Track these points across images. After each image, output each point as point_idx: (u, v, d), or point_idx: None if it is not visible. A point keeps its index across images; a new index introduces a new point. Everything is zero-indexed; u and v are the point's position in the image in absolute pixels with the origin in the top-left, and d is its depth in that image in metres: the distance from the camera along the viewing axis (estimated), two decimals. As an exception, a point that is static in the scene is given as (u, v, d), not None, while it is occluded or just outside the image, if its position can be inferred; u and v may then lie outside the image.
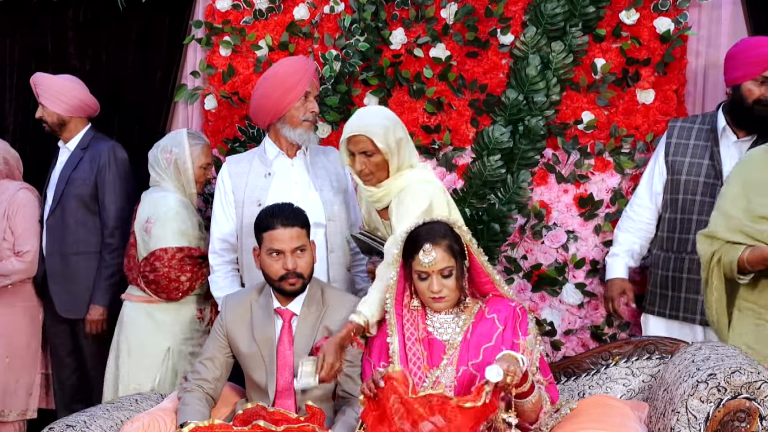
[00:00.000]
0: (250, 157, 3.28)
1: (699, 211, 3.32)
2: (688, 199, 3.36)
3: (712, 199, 3.20)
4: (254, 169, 3.21)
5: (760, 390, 2.35)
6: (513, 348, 2.52)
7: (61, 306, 3.75)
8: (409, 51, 3.89)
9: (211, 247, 3.25)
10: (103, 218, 3.74)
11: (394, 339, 2.62)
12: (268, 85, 3.18)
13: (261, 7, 4.02)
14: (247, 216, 3.15)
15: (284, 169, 3.23)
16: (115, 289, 3.69)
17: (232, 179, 3.21)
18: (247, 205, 3.17)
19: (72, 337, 3.82)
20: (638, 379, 2.86)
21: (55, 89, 3.79)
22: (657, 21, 3.68)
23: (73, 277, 3.73)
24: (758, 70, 3.21)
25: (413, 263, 2.59)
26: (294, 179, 3.22)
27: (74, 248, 3.73)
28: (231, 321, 2.81)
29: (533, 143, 3.71)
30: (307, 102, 3.18)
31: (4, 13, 4.33)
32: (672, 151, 3.42)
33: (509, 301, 2.66)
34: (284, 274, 2.72)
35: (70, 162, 3.81)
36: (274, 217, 2.75)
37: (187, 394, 2.75)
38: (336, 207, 3.22)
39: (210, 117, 4.10)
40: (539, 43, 3.70)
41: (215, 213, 3.25)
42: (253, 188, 3.18)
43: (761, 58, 3.21)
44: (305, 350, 2.73)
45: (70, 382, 3.88)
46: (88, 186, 3.74)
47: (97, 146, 3.80)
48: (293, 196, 3.11)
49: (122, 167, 3.80)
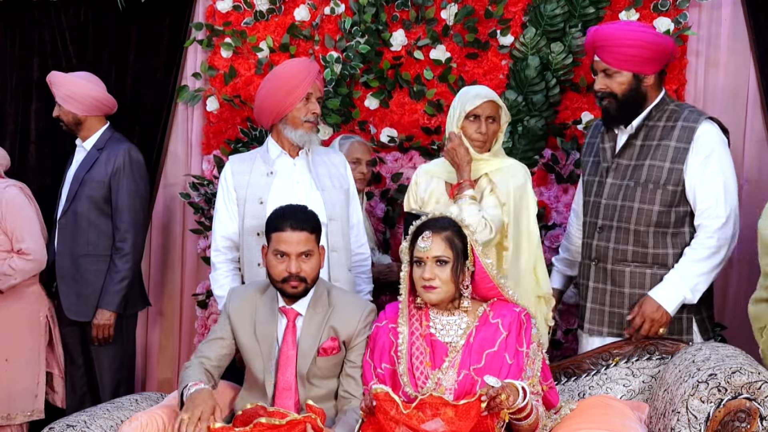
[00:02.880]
0: (253, 156, 3.29)
1: (589, 213, 3.14)
2: (589, 201, 3.17)
3: (597, 199, 3.08)
4: (256, 168, 3.22)
5: (761, 390, 2.36)
6: (516, 355, 2.55)
7: (68, 307, 3.71)
8: (409, 53, 3.89)
9: (214, 245, 3.24)
10: (116, 221, 3.69)
11: (404, 329, 2.65)
12: (270, 86, 3.19)
13: (261, 9, 4.02)
14: (248, 214, 3.16)
15: (286, 169, 3.23)
16: (124, 294, 3.68)
17: (235, 178, 3.21)
18: (248, 203, 3.18)
19: (81, 339, 3.81)
20: (638, 379, 2.87)
21: (71, 88, 3.75)
22: (657, 21, 3.69)
23: (81, 279, 3.69)
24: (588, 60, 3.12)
25: (414, 251, 2.62)
26: (296, 179, 3.22)
27: (84, 250, 3.69)
28: (235, 313, 2.82)
29: (533, 143, 3.72)
30: (309, 103, 3.19)
31: (4, 13, 4.33)
32: (583, 151, 3.28)
33: (514, 306, 2.66)
34: (287, 276, 2.72)
35: (85, 162, 3.75)
36: (284, 219, 2.74)
37: (185, 371, 2.74)
38: (338, 207, 3.22)
39: (212, 118, 4.11)
40: (539, 44, 3.71)
41: (218, 211, 3.24)
42: (255, 187, 3.18)
43: (587, 47, 3.10)
44: (310, 351, 2.74)
45: (81, 383, 3.87)
46: (102, 188, 3.69)
47: (113, 147, 3.74)
48: (295, 195, 3.11)
49: (137, 170, 3.75)
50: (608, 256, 3.05)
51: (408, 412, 2.36)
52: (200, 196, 4.09)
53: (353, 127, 3.95)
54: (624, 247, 3.02)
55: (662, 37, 3.08)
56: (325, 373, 2.76)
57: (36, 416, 3.80)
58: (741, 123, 3.78)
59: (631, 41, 2.96)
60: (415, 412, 2.36)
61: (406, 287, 2.69)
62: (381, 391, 2.40)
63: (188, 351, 4.27)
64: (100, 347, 3.73)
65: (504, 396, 2.33)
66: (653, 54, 2.97)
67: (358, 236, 3.31)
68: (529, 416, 2.44)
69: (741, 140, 3.77)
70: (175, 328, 4.33)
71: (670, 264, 2.98)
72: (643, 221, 2.99)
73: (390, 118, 3.93)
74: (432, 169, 3.26)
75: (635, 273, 3.01)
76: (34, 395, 3.78)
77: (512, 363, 2.55)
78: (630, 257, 3.02)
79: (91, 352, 3.77)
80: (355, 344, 2.75)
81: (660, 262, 2.99)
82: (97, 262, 3.70)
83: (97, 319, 3.66)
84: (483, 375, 2.49)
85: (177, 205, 4.31)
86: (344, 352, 2.77)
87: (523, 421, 2.45)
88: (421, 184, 3.24)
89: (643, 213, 2.99)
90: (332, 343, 2.75)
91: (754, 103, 3.76)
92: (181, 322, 4.33)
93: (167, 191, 4.31)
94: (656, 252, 3.00)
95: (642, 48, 2.96)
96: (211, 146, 4.10)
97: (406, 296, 2.69)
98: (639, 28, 3.08)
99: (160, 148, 4.22)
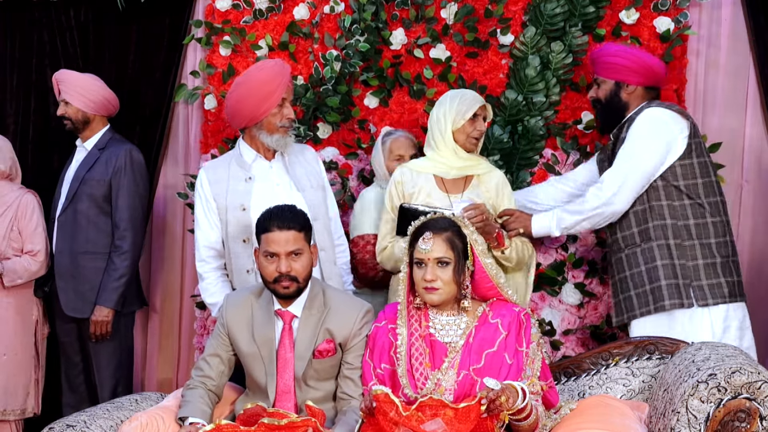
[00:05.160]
0: (227, 161, 3.25)
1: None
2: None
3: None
4: (233, 174, 3.19)
5: (761, 390, 2.36)
6: (516, 355, 2.55)
7: (66, 304, 3.75)
8: (409, 51, 3.89)
9: (198, 255, 3.22)
10: (115, 220, 3.74)
11: (403, 331, 2.65)
12: (243, 90, 3.15)
13: (261, 7, 4.02)
14: (231, 221, 3.14)
15: (264, 172, 3.21)
16: (122, 291, 3.71)
17: (212, 186, 3.18)
18: (230, 210, 3.15)
19: (79, 337, 3.83)
20: (638, 379, 2.87)
21: (81, 86, 3.80)
22: (657, 21, 3.68)
23: (80, 276, 3.73)
24: None
25: (414, 252, 2.61)
26: (275, 181, 3.20)
27: (84, 247, 3.73)
28: (231, 319, 2.81)
29: (532, 143, 3.72)
30: (283, 108, 3.17)
31: (4, 13, 4.33)
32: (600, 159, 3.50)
33: (513, 306, 2.66)
34: (277, 276, 2.72)
35: (86, 161, 3.80)
36: (271, 220, 2.74)
37: (189, 391, 2.76)
38: (319, 206, 3.23)
39: (210, 117, 4.10)
40: (539, 44, 3.71)
41: (198, 221, 3.22)
42: (235, 193, 3.16)
43: (590, 66, 3.49)
44: (306, 353, 2.74)
45: (78, 381, 3.89)
46: (103, 187, 3.73)
47: (115, 147, 3.79)
48: (277, 198, 3.08)
49: (138, 170, 3.80)
50: (612, 248, 3.31)
51: (408, 414, 2.36)
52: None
53: (352, 125, 3.95)
54: (614, 236, 3.28)
55: (649, 56, 3.35)
56: (322, 375, 2.76)
57: (28, 414, 3.86)
58: (741, 123, 3.78)
59: (615, 51, 3.31)
60: (415, 413, 2.36)
61: (405, 288, 2.69)
62: (381, 392, 2.40)
63: (188, 351, 4.27)
64: (99, 345, 3.76)
65: (504, 398, 2.34)
66: (635, 66, 3.25)
67: (336, 228, 3.34)
68: (528, 417, 2.44)
69: (741, 140, 3.78)
70: (174, 328, 4.33)
71: (653, 236, 3.16)
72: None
73: (389, 116, 3.93)
74: (417, 166, 3.33)
75: (629, 255, 3.23)
76: (27, 393, 3.86)
77: (512, 363, 2.55)
78: (622, 243, 3.25)
79: (89, 351, 3.79)
80: (351, 346, 2.75)
81: (645, 237, 3.19)
82: (95, 259, 3.74)
83: (96, 315, 3.69)
84: (483, 375, 2.49)
85: (177, 205, 4.30)
86: (340, 353, 2.76)
87: (523, 421, 2.45)
88: (406, 182, 3.29)
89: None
90: (328, 345, 2.74)
91: (754, 103, 3.76)
92: (181, 322, 4.32)
93: (167, 191, 4.31)
94: (639, 229, 3.20)
95: (624, 58, 3.26)
96: (209, 145, 4.10)
97: (404, 297, 2.69)
98: (631, 47, 3.38)
99: (159, 147, 4.22)
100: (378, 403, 2.38)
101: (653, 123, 3.16)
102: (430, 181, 3.28)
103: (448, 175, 3.27)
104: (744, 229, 3.81)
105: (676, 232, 3.15)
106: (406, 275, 2.68)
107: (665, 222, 3.17)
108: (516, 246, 3.26)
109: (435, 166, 3.30)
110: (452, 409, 2.36)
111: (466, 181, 3.29)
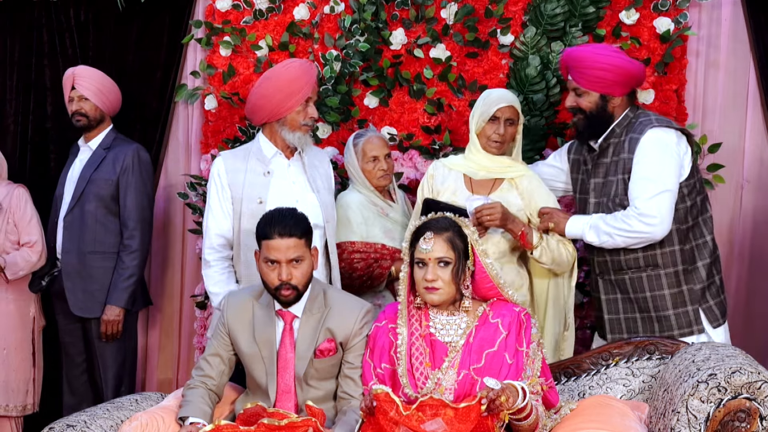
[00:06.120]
0: (245, 153, 3.25)
1: None
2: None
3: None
4: (251, 167, 3.20)
5: (761, 390, 2.36)
6: (516, 355, 2.55)
7: (74, 304, 3.74)
8: (409, 51, 3.89)
9: (209, 242, 3.21)
10: (124, 219, 3.74)
11: (403, 330, 2.65)
12: (269, 85, 3.17)
13: (261, 7, 4.02)
14: (246, 213, 3.14)
15: (282, 169, 3.22)
16: (132, 290, 3.72)
17: (229, 175, 3.19)
18: (246, 202, 3.16)
19: (83, 337, 3.83)
20: (638, 379, 2.87)
21: (102, 83, 3.82)
22: (657, 21, 3.69)
23: (88, 275, 3.73)
24: None
25: (415, 252, 2.62)
26: (292, 179, 3.21)
27: (92, 247, 3.73)
28: (232, 319, 2.81)
29: (533, 143, 3.72)
30: (307, 107, 3.19)
31: (4, 13, 4.33)
32: (570, 167, 3.39)
33: (513, 306, 2.66)
34: (279, 284, 2.71)
35: (91, 161, 3.80)
36: (272, 226, 2.71)
37: (189, 391, 2.77)
38: (331, 208, 3.25)
39: (210, 117, 4.10)
40: (539, 44, 3.71)
41: (212, 208, 3.21)
42: (253, 186, 3.17)
43: (561, 67, 3.30)
44: (307, 353, 2.74)
45: (79, 382, 3.89)
46: (110, 186, 3.74)
47: (121, 147, 3.80)
48: (293, 196, 3.11)
49: (145, 169, 3.82)
50: (608, 268, 3.19)
51: (408, 413, 2.36)
52: (198, 196, 4.09)
53: (352, 125, 3.95)
54: (617, 257, 3.15)
55: (632, 63, 3.21)
56: (323, 374, 2.76)
57: (28, 411, 3.88)
58: (741, 123, 3.78)
59: (600, 65, 3.12)
60: (415, 413, 2.37)
61: (406, 287, 2.69)
62: (381, 392, 2.40)
63: (188, 351, 4.28)
64: (105, 344, 3.76)
65: (504, 398, 2.34)
66: (621, 78, 3.13)
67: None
68: (528, 416, 2.44)
69: (741, 140, 3.78)
70: (175, 328, 4.33)
71: (660, 263, 3.09)
72: None
73: (389, 116, 3.93)
74: (450, 163, 3.36)
75: (633, 279, 3.13)
76: (26, 390, 3.87)
77: (512, 363, 2.55)
78: (625, 265, 3.13)
79: (94, 350, 3.80)
80: (352, 345, 2.75)
81: (652, 264, 3.10)
82: (103, 259, 3.75)
83: (107, 315, 3.70)
84: (483, 375, 2.49)
85: (177, 205, 4.30)
86: (341, 353, 2.76)
87: (523, 421, 2.45)
88: (437, 177, 3.33)
89: None
90: (329, 344, 2.75)
91: (754, 103, 3.77)
92: (181, 322, 4.32)
93: (167, 191, 4.31)
94: (645, 254, 3.10)
95: (610, 72, 3.12)
96: (209, 145, 4.10)
97: (405, 296, 2.69)
98: (610, 52, 3.20)
99: (159, 147, 4.23)
100: (378, 403, 2.38)
101: (661, 146, 3.05)
102: (459, 179, 3.29)
103: (476, 175, 3.28)
104: (744, 229, 3.81)
105: (684, 257, 3.10)
106: (406, 275, 2.68)
107: (674, 248, 3.10)
108: (550, 247, 3.17)
109: (466, 165, 3.31)
110: (452, 408, 2.36)
111: (494, 184, 3.27)
